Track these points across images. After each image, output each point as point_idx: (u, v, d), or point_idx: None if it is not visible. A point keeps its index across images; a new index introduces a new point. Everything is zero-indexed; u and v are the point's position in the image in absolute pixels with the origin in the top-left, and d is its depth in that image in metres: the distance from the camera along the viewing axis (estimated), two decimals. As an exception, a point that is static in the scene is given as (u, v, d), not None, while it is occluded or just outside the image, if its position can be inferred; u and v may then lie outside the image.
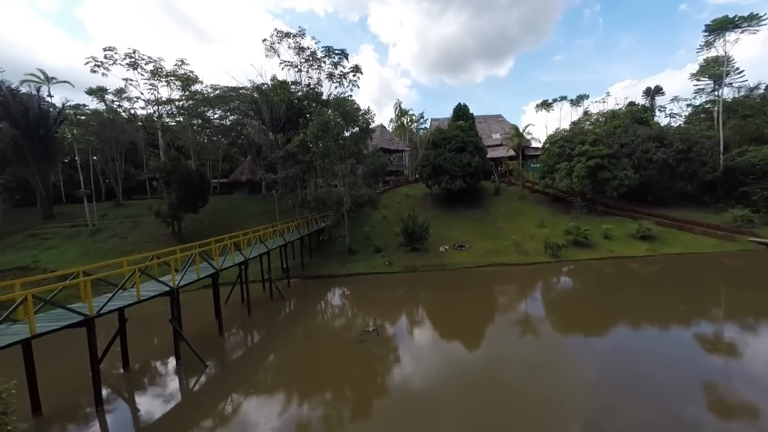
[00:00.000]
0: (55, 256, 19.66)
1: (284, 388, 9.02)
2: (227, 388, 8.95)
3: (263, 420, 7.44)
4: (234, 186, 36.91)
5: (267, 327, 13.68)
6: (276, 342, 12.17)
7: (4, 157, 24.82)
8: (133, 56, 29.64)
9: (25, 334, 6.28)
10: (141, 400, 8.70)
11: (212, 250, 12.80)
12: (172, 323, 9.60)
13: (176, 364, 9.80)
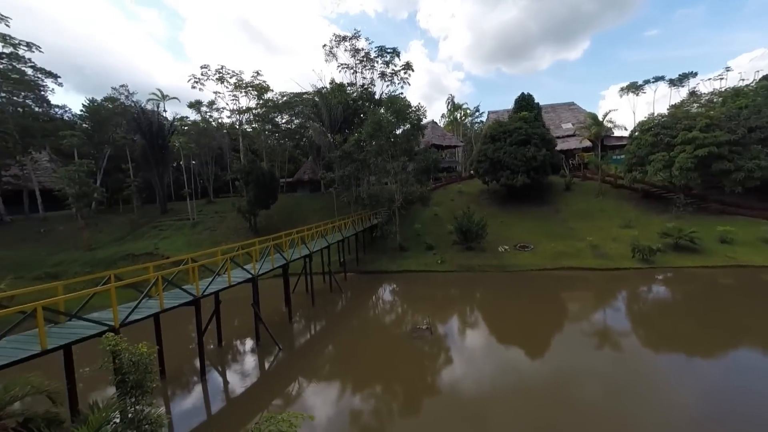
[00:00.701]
0: (168, 244, 24.76)
1: (340, 377, 9.62)
2: (294, 371, 9.92)
3: (320, 405, 8.08)
4: (297, 185, 40.30)
5: (327, 317, 14.79)
6: (334, 332, 13.08)
7: (137, 163, 32.15)
8: (221, 71, 34.58)
9: (156, 308, 8.13)
10: (230, 374, 10.21)
11: (283, 243, 14.51)
12: (253, 307, 11.16)
13: (256, 344, 11.31)
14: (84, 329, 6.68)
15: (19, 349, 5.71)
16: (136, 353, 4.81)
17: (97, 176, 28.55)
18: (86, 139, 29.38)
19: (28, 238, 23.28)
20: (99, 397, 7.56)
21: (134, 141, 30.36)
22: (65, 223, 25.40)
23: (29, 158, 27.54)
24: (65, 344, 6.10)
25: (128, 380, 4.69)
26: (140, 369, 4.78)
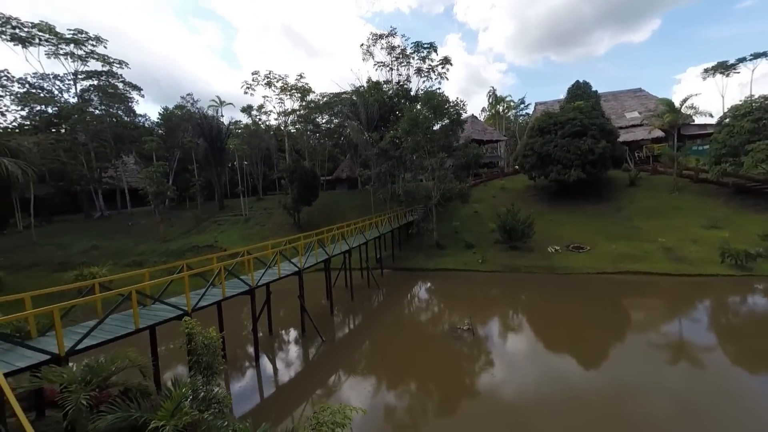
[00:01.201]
0: (225, 238, 27.69)
1: (378, 372, 9.82)
2: (335, 363, 10.38)
3: (358, 398, 8.30)
4: (336, 182, 41.86)
5: (365, 312, 15.23)
6: (372, 327, 13.42)
7: (200, 164, 36.35)
8: (268, 76, 37.05)
9: (219, 296, 9.16)
10: (278, 361, 11.08)
11: (324, 238, 15.28)
12: (299, 299, 11.97)
13: (301, 334, 12.11)
14: (164, 312, 7.79)
15: (120, 326, 6.89)
16: (207, 337, 5.48)
17: (170, 176, 32.91)
18: (162, 143, 34.02)
19: (120, 230, 27.92)
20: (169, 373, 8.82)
21: (198, 144, 34.27)
22: (146, 218, 29.87)
23: (120, 161, 32.85)
24: (151, 324, 7.20)
25: (201, 361, 5.37)
26: (211, 352, 5.45)
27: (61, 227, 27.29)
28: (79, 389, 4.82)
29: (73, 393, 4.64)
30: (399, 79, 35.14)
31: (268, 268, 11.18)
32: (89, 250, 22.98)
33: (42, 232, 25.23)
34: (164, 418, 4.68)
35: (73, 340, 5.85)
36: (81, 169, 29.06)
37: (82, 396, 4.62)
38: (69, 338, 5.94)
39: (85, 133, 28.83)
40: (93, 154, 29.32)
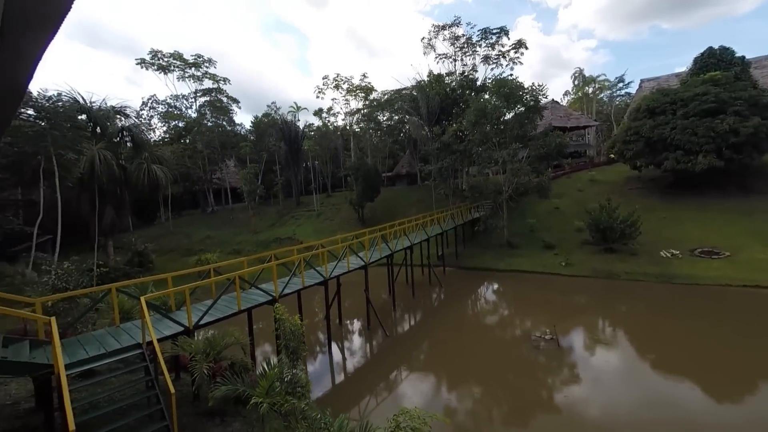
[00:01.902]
0: (301, 231, 31.10)
1: (438, 372, 9.58)
2: (397, 359, 10.53)
3: (418, 397, 8.23)
4: (396, 178, 42.43)
5: (426, 310, 15.06)
6: (434, 326, 13.14)
7: (281, 165, 41.54)
8: (337, 79, 39.71)
9: (300, 285, 10.24)
10: (346, 351, 11.79)
11: (387, 234, 15.56)
12: (365, 293, 12.56)
13: (366, 327, 12.69)
14: (257, 297, 9.09)
15: (227, 307, 8.32)
16: (294, 324, 6.10)
17: (259, 176, 38.54)
18: (253, 148, 40.01)
19: (224, 222, 34.24)
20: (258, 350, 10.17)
21: (280, 147, 39.10)
22: (242, 213, 35.79)
23: (224, 165, 40.04)
24: (250, 307, 8.48)
25: (289, 346, 6.02)
26: (296, 338, 6.05)
27: (186, 220, 35.00)
28: (202, 359, 5.98)
29: (198, 362, 5.78)
30: (463, 70, 33.16)
31: (339, 261, 11.93)
32: (204, 239, 28.84)
33: (175, 224, 32.82)
34: (261, 395, 5.40)
35: (197, 316, 7.30)
36: (199, 172, 36.52)
37: (204, 366, 5.71)
38: (194, 314, 7.44)
39: (202, 142, 36.03)
40: (206, 159, 36.46)
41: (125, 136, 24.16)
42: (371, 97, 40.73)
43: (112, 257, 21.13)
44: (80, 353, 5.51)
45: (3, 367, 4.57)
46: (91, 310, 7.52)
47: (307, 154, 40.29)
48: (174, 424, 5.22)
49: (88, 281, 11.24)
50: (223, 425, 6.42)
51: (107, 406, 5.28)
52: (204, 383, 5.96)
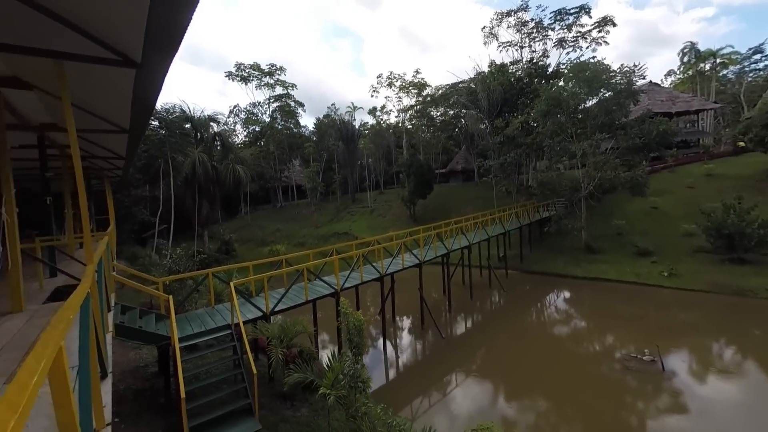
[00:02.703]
0: (357, 226, 32.41)
1: (494, 379, 8.92)
2: (451, 362, 10.08)
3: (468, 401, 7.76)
4: (450, 175, 41.16)
5: (485, 314, 14.18)
6: (493, 331, 12.27)
7: (339, 163, 43.86)
8: (390, 77, 40.11)
9: (358, 280, 10.57)
10: (400, 348, 11.79)
11: (443, 232, 14.97)
12: (419, 292, 12.34)
13: (420, 326, 12.43)
14: (321, 288, 9.64)
15: (296, 296, 9.03)
16: (357, 319, 6.22)
17: (320, 174, 41.42)
18: (315, 148, 43.13)
19: (290, 217, 37.86)
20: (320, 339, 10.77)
21: (338, 146, 41.28)
22: (305, 208, 39.00)
23: (291, 164, 44.14)
24: (315, 298, 9.05)
25: (353, 341, 6.17)
26: (359, 333, 6.17)
27: (260, 214, 39.75)
28: (277, 345, 6.57)
29: (274, 347, 6.36)
30: (531, 57, 30.04)
31: (393, 258, 11.92)
32: (275, 231, 32.34)
33: (252, 217, 37.59)
34: (327, 386, 5.64)
35: (272, 303, 8.07)
36: (270, 171, 41.01)
37: (280, 352, 6.26)
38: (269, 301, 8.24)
39: (273, 144, 40.33)
40: (276, 160, 40.70)
41: (216, 141, 28.53)
42: (424, 93, 39.84)
43: (207, 245, 25.37)
44: (187, 329, 6.60)
45: (138, 334, 5.73)
46: (194, 291, 9.01)
47: (362, 152, 41.61)
48: (255, 402, 5.85)
49: (192, 265, 13.64)
50: (293, 409, 6.99)
51: (206, 379, 6.21)
52: (279, 366, 6.56)
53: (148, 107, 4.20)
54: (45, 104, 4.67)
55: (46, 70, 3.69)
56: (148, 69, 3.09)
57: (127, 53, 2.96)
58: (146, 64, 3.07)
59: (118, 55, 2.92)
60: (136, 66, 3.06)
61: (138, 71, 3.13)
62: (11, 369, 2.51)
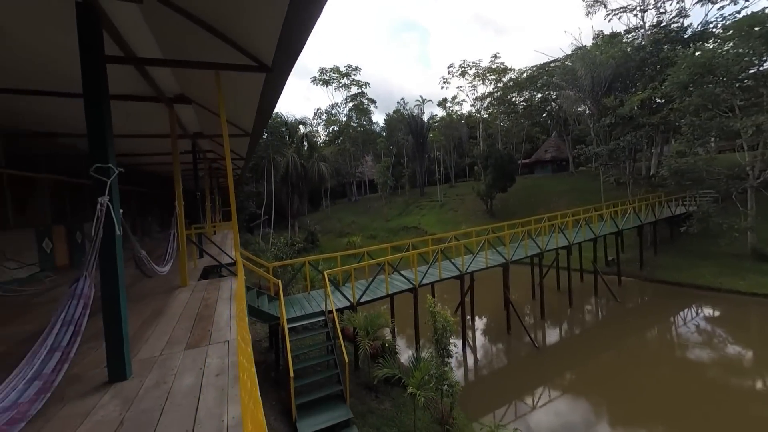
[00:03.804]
0: (426, 221, 31.79)
1: (599, 401, 7.49)
2: (543, 375, 8.83)
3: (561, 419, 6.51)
4: (535, 165, 36.73)
5: (590, 326, 11.90)
6: (600, 346, 10.18)
7: (408, 157, 43.80)
8: (462, 65, 37.86)
9: (436, 276, 10.07)
10: (480, 352, 10.87)
11: (532, 229, 13.07)
12: (505, 294, 11.08)
13: (507, 332, 11.20)
14: (399, 283, 9.55)
15: (376, 289, 9.18)
16: (447, 320, 5.83)
17: (390, 169, 42.23)
18: (385, 143, 44.15)
19: (363, 210, 39.88)
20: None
21: (407, 141, 41.20)
22: (376, 202, 40.44)
23: (363, 160, 46.35)
24: (394, 292, 9.02)
25: (441, 342, 5.82)
26: (447, 335, 5.77)
27: (338, 207, 43.16)
28: (364, 336, 6.73)
29: (362, 339, 6.53)
30: (660, 19, 23.83)
31: (475, 256, 10.98)
32: (350, 223, 34.59)
33: (331, 210, 41.14)
34: (414, 385, 5.43)
35: (357, 294, 8.37)
36: (346, 167, 43.96)
37: (367, 344, 6.38)
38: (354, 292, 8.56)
39: (349, 142, 43.04)
40: (351, 156, 43.32)
41: (304, 142, 32.05)
42: (506, 78, 35.90)
43: (297, 235, 29.01)
44: (291, 312, 7.39)
45: (257, 313, 6.67)
46: (295, 277, 10.16)
47: (432, 145, 40.44)
48: (347, 390, 6.11)
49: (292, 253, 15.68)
50: (377, 401, 7.10)
51: (305, 361, 6.82)
52: (366, 359, 6.73)
53: (270, 109, 4.67)
54: (198, 116, 5.75)
55: (200, 87, 4.42)
56: (277, 72, 3.35)
57: (261, 59, 3.25)
58: (275, 67, 3.33)
59: (255, 62, 3.22)
60: (268, 70, 3.32)
61: (268, 75, 3.41)
62: (187, 336, 3.05)
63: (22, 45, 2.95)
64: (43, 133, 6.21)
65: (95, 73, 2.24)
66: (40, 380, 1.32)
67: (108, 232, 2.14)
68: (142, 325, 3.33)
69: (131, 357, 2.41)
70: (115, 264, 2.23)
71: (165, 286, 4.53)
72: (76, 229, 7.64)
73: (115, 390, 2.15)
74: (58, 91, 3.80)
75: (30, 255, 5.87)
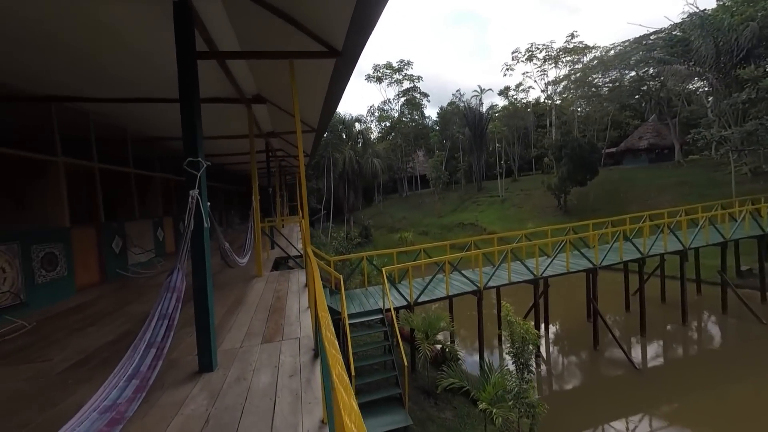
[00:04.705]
0: (484, 217, 29.56)
1: None
2: (643, 400, 7.17)
3: None
4: (624, 154, 31.21)
5: (716, 349, 9.37)
6: (733, 375, 7.84)
7: (463, 151, 41.39)
8: (530, 50, 34.21)
9: (505, 279, 9.00)
10: (559, 365, 9.57)
11: (627, 230, 10.77)
12: (592, 303, 9.40)
13: (594, 347, 9.45)
14: (461, 284, 8.82)
15: (435, 289, 8.66)
16: (531, 331, 5.03)
17: (443, 163, 40.60)
18: (439, 137, 42.55)
19: (414, 206, 39.28)
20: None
21: (463, 134, 38.89)
22: (428, 197, 39.37)
23: (415, 155, 45.55)
24: (454, 294, 8.37)
25: (521, 356, 5.05)
26: (530, 349, 4.98)
27: (389, 202, 43.47)
28: (423, 339, 6.33)
29: (421, 342, 6.14)
30: None
31: (554, 258, 9.51)
32: (401, 219, 34.43)
33: (384, 205, 41.67)
34: (486, 400, 4.81)
35: (415, 293, 7.99)
36: (398, 163, 43.86)
37: (427, 348, 5.97)
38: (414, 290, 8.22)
39: (400, 137, 42.77)
40: (403, 152, 42.99)
41: (359, 139, 32.95)
42: (586, 58, 31.04)
43: (352, 229, 30.16)
44: (350, 307, 7.44)
45: (319, 304, 6.85)
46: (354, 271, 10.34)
47: (492, 137, 37.29)
48: (405, 394, 5.82)
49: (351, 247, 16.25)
50: (437, 408, 6.65)
51: (363, 360, 6.76)
52: (426, 363, 6.34)
53: (337, 98, 4.58)
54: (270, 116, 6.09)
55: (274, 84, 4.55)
56: (347, 56, 3.16)
57: (333, 44, 3.08)
58: (346, 51, 3.14)
59: (326, 47, 3.07)
60: (338, 54, 3.14)
61: (338, 60, 3.25)
62: (263, 329, 3.12)
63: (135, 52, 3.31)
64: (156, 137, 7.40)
65: (188, 68, 2.31)
66: (137, 378, 1.28)
67: (197, 225, 2.19)
68: (226, 314, 3.55)
69: (217, 346, 2.51)
70: (203, 256, 2.30)
71: (244, 275, 4.87)
72: (180, 221, 9.04)
73: (204, 382, 2.21)
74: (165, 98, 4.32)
75: (149, 242, 7.07)
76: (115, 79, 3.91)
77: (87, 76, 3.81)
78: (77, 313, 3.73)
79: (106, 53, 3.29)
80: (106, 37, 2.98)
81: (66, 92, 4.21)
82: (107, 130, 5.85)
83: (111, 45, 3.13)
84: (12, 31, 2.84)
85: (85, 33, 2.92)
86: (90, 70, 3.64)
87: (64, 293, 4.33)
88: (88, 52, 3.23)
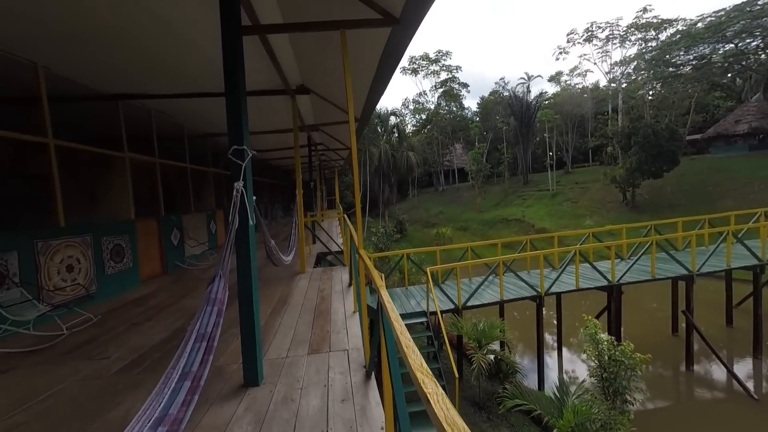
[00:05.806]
0: (532, 213, 27.10)
1: None
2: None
3: None
4: (714, 141, 26.23)
5: None
6: None
7: (507, 142, 38.35)
8: (590, 29, 30.55)
9: (572, 285, 7.80)
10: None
11: (733, 230, 8.69)
12: (685, 316, 7.81)
13: (686, 367, 7.87)
14: (516, 288, 7.90)
15: (484, 292, 7.85)
16: (632, 357, 4.14)
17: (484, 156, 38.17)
18: (480, 128, 40.02)
19: (452, 200, 37.68)
20: None
21: (507, 125, 35.97)
22: (467, 191, 37.43)
23: (453, 147, 43.53)
24: (509, 299, 7.51)
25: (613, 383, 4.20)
26: (624, 375, 4.10)
27: (425, 197, 42.38)
28: (476, 349, 5.70)
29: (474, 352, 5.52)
30: None
31: (634, 263, 8.06)
32: (438, 213, 33.26)
33: (419, 199, 40.76)
34: (563, 427, 4.09)
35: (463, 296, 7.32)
36: (434, 156, 42.37)
37: (482, 360, 5.34)
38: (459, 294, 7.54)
39: (437, 130, 41.12)
40: (440, 144, 41.34)
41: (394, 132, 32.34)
42: (664, 35, 26.55)
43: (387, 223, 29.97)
44: (392, 306, 7.05)
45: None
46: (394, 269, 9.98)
47: (542, 126, 33.84)
48: (456, 406, 5.28)
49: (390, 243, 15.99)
50: (491, 424, 6.00)
51: (403, 368, 6.33)
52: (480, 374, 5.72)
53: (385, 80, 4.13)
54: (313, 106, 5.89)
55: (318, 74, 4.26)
56: (405, 23, 2.67)
57: (389, 10, 2.61)
58: (404, 18, 2.64)
59: (382, 14, 2.61)
60: (396, 22, 2.65)
61: (394, 29, 2.77)
62: (309, 336, 2.85)
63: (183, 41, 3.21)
64: (209, 134, 7.73)
65: (233, 46, 2.06)
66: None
67: (242, 221, 1.94)
68: (271, 314, 3.38)
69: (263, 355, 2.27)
70: (248, 257, 2.05)
71: (287, 271, 4.75)
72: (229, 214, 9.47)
73: (249, 399, 1.98)
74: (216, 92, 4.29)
75: (203, 235, 7.46)
76: (171, 73, 3.94)
77: (147, 72, 3.89)
78: (139, 305, 3.89)
79: (158, 43, 3.24)
80: (154, 24, 2.89)
81: (130, 90, 4.40)
82: (167, 126, 6.18)
83: (162, 33, 3.05)
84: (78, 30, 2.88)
85: (137, 21, 2.86)
86: (149, 64, 3.68)
87: (130, 284, 4.63)
88: (143, 43, 3.21)
